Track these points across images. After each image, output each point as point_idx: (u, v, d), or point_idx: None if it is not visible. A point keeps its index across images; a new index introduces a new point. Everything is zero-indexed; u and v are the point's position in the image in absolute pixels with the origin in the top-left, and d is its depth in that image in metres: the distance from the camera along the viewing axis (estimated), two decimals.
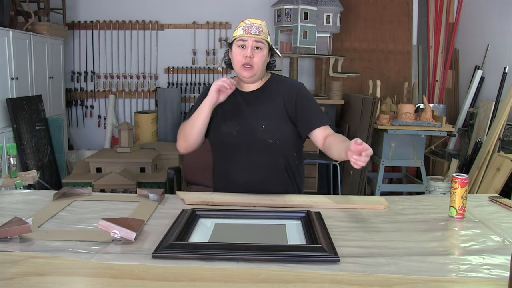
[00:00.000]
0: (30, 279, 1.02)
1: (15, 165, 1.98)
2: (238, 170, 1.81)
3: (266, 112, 1.79)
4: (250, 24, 1.73)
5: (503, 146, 3.57)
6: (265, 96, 1.82)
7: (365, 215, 1.54)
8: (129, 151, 3.72)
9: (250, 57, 1.72)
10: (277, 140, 1.76)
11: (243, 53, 1.73)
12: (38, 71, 4.17)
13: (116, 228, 1.22)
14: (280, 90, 1.82)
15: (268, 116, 1.78)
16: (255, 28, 1.72)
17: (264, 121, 1.77)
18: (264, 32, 1.74)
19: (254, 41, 1.72)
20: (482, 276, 1.05)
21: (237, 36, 1.75)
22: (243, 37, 1.73)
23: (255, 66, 1.74)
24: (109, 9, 4.91)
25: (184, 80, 4.99)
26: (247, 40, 1.72)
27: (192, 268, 1.08)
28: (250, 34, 1.72)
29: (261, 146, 1.77)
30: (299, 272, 1.06)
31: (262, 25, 1.74)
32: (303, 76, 4.86)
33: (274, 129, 1.77)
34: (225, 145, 1.82)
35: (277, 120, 1.78)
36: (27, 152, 3.86)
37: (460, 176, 1.48)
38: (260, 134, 1.76)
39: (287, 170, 1.84)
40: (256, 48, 1.73)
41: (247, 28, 1.72)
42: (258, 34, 1.72)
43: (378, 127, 3.67)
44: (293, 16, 4.32)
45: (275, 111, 1.79)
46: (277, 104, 1.80)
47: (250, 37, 1.72)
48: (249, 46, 1.72)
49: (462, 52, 4.72)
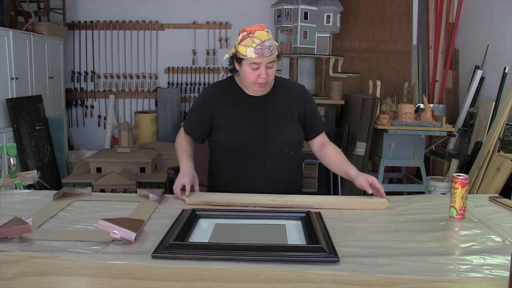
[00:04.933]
0: (30, 279, 1.02)
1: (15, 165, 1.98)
2: (251, 174, 1.81)
3: (281, 117, 1.81)
4: (261, 45, 1.66)
5: (503, 146, 3.56)
6: (275, 101, 1.83)
7: (365, 215, 1.54)
8: (129, 151, 3.72)
9: (265, 78, 1.71)
10: (292, 144, 1.79)
11: (256, 73, 1.71)
12: (38, 71, 4.17)
13: (116, 228, 1.22)
14: (288, 94, 1.85)
15: (284, 123, 1.81)
16: (267, 49, 1.67)
17: (281, 127, 1.80)
18: (274, 46, 1.70)
19: (268, 62, 1.70)
20: (482, 276, 1.05)
21: (248, 57, 1.69)
22: (256, 61, 1.68)
23: (269, 82, 1.77)
24: (109, 9, 4.91)
25: (184, 80, 4.99)
26: (260, 63, 1.69)
27: (192, 268, 1.08)
28: (263, 57, 1.68)
29: (275, 151, 1.79)
30: (299, 272, 1.06)
31: (272, 43, 1.69)
32: (303, 76, 4.86)
33: (290, 134, 1.82)
34: (237, 149, 1.81)
35: (292, 126, 1.82)
36: (27, 152, 3.86)
37: (460, 176, 1.48)
38: (278, 139, 1.79)
39: (291, 171, 1.86)
40: (268, 67, 1.71)
41: (259, 51, 1.66)
42: (271, 55, 1.69)
43: (378, 127, 3.67)
44: (293, 16, 4.32)
45: (289, 117, 1.83)
46: (290, 110, 1.83)
47: (264, 60, 1.68)
48: (263, 68, 1.70)
49: (462, 52, 4.72)
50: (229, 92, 1.85)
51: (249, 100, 1.82)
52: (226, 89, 1.86)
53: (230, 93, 1.85)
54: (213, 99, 1.85)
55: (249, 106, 1.82)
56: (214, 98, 1.85)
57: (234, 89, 1.85)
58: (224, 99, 1.84)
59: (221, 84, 1.90)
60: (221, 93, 1.86)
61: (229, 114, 1.81)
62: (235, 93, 1.84)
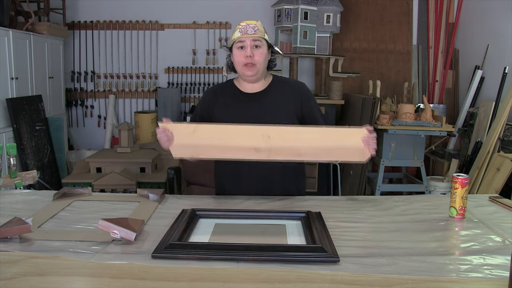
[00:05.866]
0: (30, 279, 1.02)
1: (15, 165, 1.98)
2: (247, 172, 1.82)
3: (276, 114, 1.82)
4: (245, 25, 1.78)
5: (503, 146, 3.56)
6: (271, 98, 1.85)
7: (365, 215, 1.54)
8: (129, 151, 3.72)
9: (251, 56, 1.76)
10: None
11: (243, 53, 1.78)
12: (38, 71, 4.17)
13: (116, 228, 1.22)
14: (285, 91, 1.86)
15: (278, 118, 1.80)
16: (251, 28, 1.77)
17: (275, 123, 1.79)
18: (260, 30, 1.79)
19: (252, 40, 1.77)
20: (482, 276, 1.05)
21: (235, 39, 1.80)
22: (240, 39, 1.78)
23: (257, 64, 1.78)
24: (109, 9, 4.91)
25: (184, 80, 4.99)
26: (245, 41, 1.77)
27: (192, 268, 1.08)
28: (247, 34, 1.76)
29: None
30: (299, 272, 1.06)
31: (257, 25, 1.79)
32: (303, 76, 4.86)
33: None
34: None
35: (287, 122, 1.81)
36: (27, 152, 3.86)
37: (460, 176, 1.48)
38: None
39: (291, 171, 1.86)
40: (255, 46, 1.77)
41: (243, 30, 1.77)
42: (254, 33, 1.77)
43: (378, 127, 3.67)
44: (293, 16, 4.32)
45: (285, 113, 1.83)
46: (285, 107, 1.84)
47: (247, 37, 1.76)
48: (248, 46, 1.77)
49: (462, 52, 4.72)
50: (227, 91, 1.89)
51: (244, 98, 1.85)
52: (223, 89, 1.91)
53: (228, 92, 1.89)
54: (212, 98, 1.90)
55: (244, 104, 1.84)
56: (212, 97, 1.90)
57: (231, 89, 1.89)
58: (221, 98, 1.88)
59: (221, 85, 1.96)
60: (217, 92, 1.91)
61: (225, 112, 1.85)
62: (231, 92, 1.88)
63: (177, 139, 1.62)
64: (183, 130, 1.62)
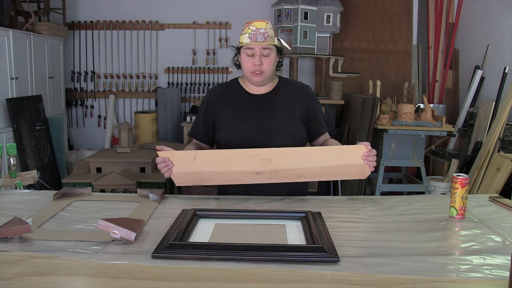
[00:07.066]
0: (30, 279, 1.02)
1: (15, 165, 1.98)
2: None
3: (282, 116, 1.81)
4: (255, 30, 1.70)
5: (503, 146, 3.56)
6: (278, 100, 1.83)
7: (365, 215, 1.54)
8: (129, 151, 3.72)
9: (259, 65, 1.72)
10: (293, 143, 1.78)
11: (251, 61, 1.73)
12: (38, 71, 4.17)
13: (116, 228, 1.22)
14: (291, 94, 1.85)
15: (285, 121, 1.80)
16: (261, 35, 1.69)
17: (283, 126, 1.79)
18: (270, 35, 1.72)
19: (262, 49, 1.71)
20: (482, 276, 1.05)
21: (243, 43, 1.73)
22: (249, 46, 1.71)
23: (265, 72, 1.75)
24: (109, 9, 4.91)
25: (184, 80, 4.99)
26: (254, 49, 1.71)
27: (192, 268, 1.08)
28: (256, 42, 1.70)
29: None
30: (299, 272, 1.06)
31: (267, 29, 1.71)
32: (303, 76, 4.86)
33: (291, 132, 1.80)
34: (237, 147, 1.78)
35: (294, 125, 1.82)
36: (27, 152, 3.86)
37: (460, 176, 1.48)
38: (278, 137, 1.78)
39: None
40: (263, 55, 1.72)
41: (253, 36, 1.70)
42: (264, 41, 1.70)
43: (378, 127, 3.67)
44: (293, 16, 4.32)
45: (291, 116, 1.82)
46: (291, 109, 1.82)
47: (257, 45, 1.71)
48: (257, 55, 1.72)
49: (462, 52, 4.72)
50: (232, 91, 1.86)
51: (249, 99, 1.83)
52: (228, 89, 1.87)
53: (232, 92, 1.86)
54: (215, 98, 1.86)
55: (249, 104, 1.82)
56: (215, 97, 1.86)
57: (237, 89, 1.86)
58: (226, 98, 1.85)
59: (225, 84, 1.92)
60: (223, 93, 1.87)
61: (229, 112, 1.82)
62: (237, 93, 1.85)
63: (178, 168, 1.63)
64: (183, 159, 1.62)
